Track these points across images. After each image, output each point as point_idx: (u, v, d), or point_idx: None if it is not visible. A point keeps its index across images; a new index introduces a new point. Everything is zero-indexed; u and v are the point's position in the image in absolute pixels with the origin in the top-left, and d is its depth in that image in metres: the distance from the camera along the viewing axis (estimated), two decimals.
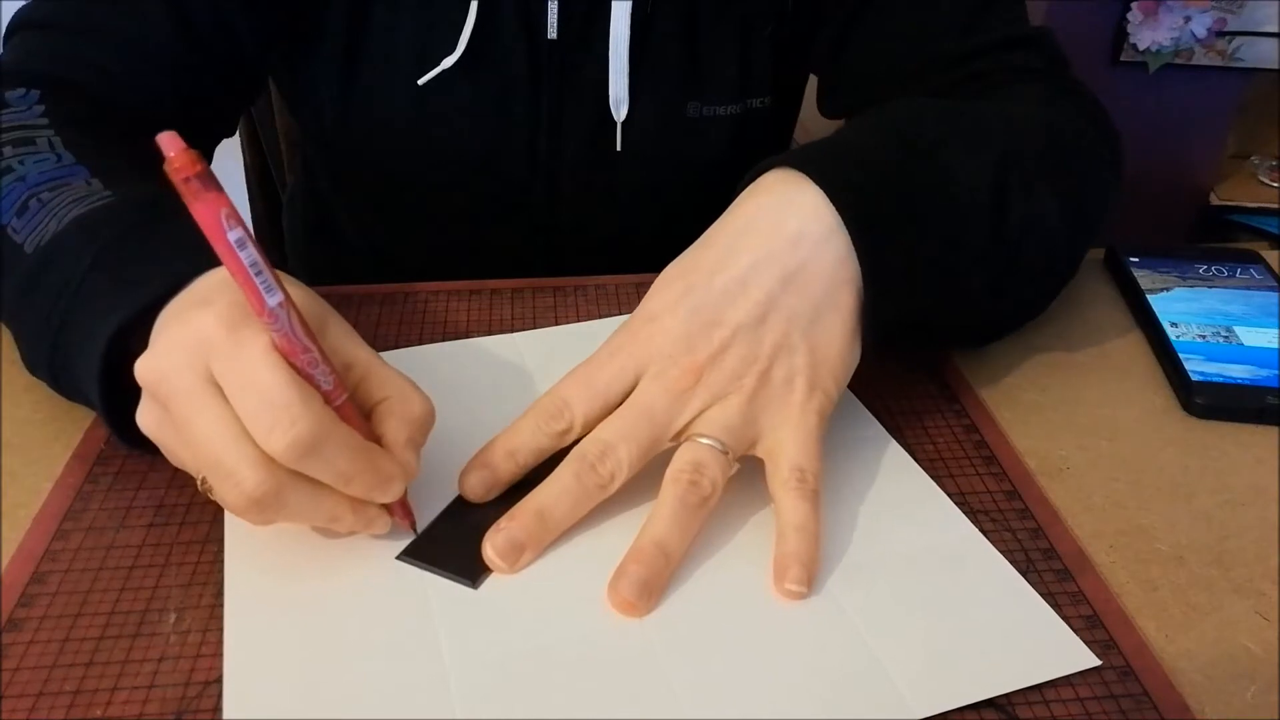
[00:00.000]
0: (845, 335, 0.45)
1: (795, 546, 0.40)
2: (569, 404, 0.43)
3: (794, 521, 0.41)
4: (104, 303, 0.42)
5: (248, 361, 0.36)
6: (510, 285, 0.61)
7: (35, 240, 0.45)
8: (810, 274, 0.44)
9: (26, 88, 0.54)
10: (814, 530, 0.41)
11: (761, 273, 0.44)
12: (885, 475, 0.47)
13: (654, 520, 0.41)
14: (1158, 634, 0.40)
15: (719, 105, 0.70)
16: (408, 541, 0.42)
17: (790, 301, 0.44)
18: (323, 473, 0.37)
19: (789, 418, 0.43)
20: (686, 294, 0.44)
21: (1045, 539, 0.44)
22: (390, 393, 0.40)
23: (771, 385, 0.43)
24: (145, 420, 0.39)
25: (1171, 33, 1.29)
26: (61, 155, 0.49)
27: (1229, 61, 1.36)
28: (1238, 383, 0.53)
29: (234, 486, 0.36)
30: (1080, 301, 0.61)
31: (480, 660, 0.37)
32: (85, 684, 0.36)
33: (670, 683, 0.36)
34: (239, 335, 0.36)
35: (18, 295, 0.46)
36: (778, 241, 0.44)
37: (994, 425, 0.51)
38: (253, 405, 0.36)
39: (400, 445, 0.40)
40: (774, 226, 0.45)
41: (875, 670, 0.37)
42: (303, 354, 0.37)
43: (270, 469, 0.36)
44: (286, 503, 0.37)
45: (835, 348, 0.44)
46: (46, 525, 0.43)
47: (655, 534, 0.40)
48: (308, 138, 0.81)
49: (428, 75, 0.64)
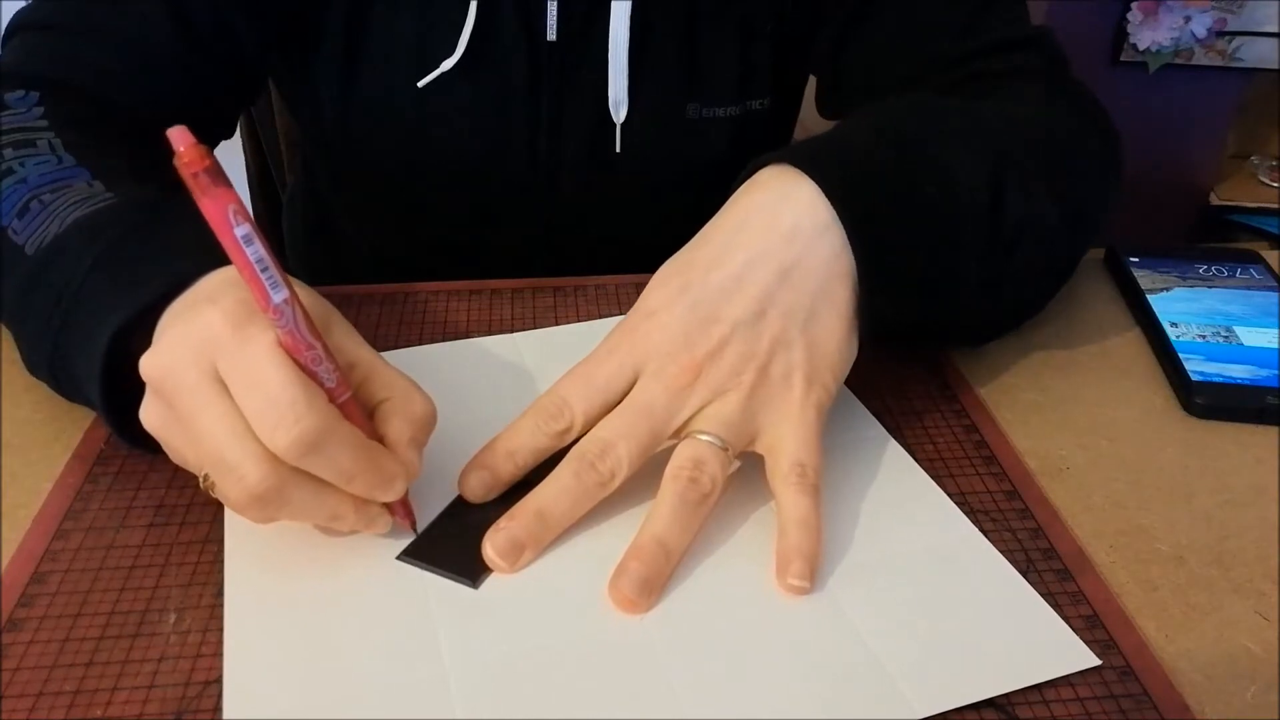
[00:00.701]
0: (842, 329, 0.45)
1: (797, 541, 0.41)
2: (568, 403, 0.43)
3: (795, 516, 0.41)
4: (105, 302, 0.42)
5: (253, 358, 0.36)
6: (510, 285, 0.61)
7: (36, 242, 0.45)
8: (806, 269, 0.44)
9: (26, 89, 0.54)
10: (815, 525, 0.41)
11: (758, 269, 0.44)
12: (885, 475, 0.47)
13: (654, 517, 0.41)
14: (1158, 634, 0.40)
15: (719, 107, 0.70)
16: (408, 541, 0.42)
17: (787, 297, 0.44)
18: (326, 470, 0.37)
19: (788, 413, 0.43)
20: (684, 291, 0.44)
21: (1045, 539, 0.44)
22: (393, 392, 0.40)
23: (770, 381, 0.43)
24: (149, 417, 0.39)
25: (1171, 33, 1.29)
26: (62, 157, 0.49)
27: (1229, 61, 1.36)
28: (1238, 383, 0.53)
29: (237, 482, 0.36)
30: (1080, 301, 0.61)
31: (480, 660, 0.37)
32: (85, 684, 0.36)
33: (670, 683, 0.36)
34: (244, 332, 0.36)
35: (18, 296, 0.46)
36: (773, 237, 0.45)
37: (994, 425, 0.51)
38: (257, 402, 0.36)
39: (403, 445, 0.40)
40: (769, 222, 0.45)
41: (875, 670, 0.37)
42: (307, 351, 0.37)
43: (273, 465, 0.36)
44: (289, 500, 0.37)
45: (832, 342, 0.45)
46: (46, 525, 0.43)
47: (655, 531, 0.40)
48: (307, 138, 0.81)
49: (428, 77, 0.64)
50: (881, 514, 0.44)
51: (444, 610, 0.39)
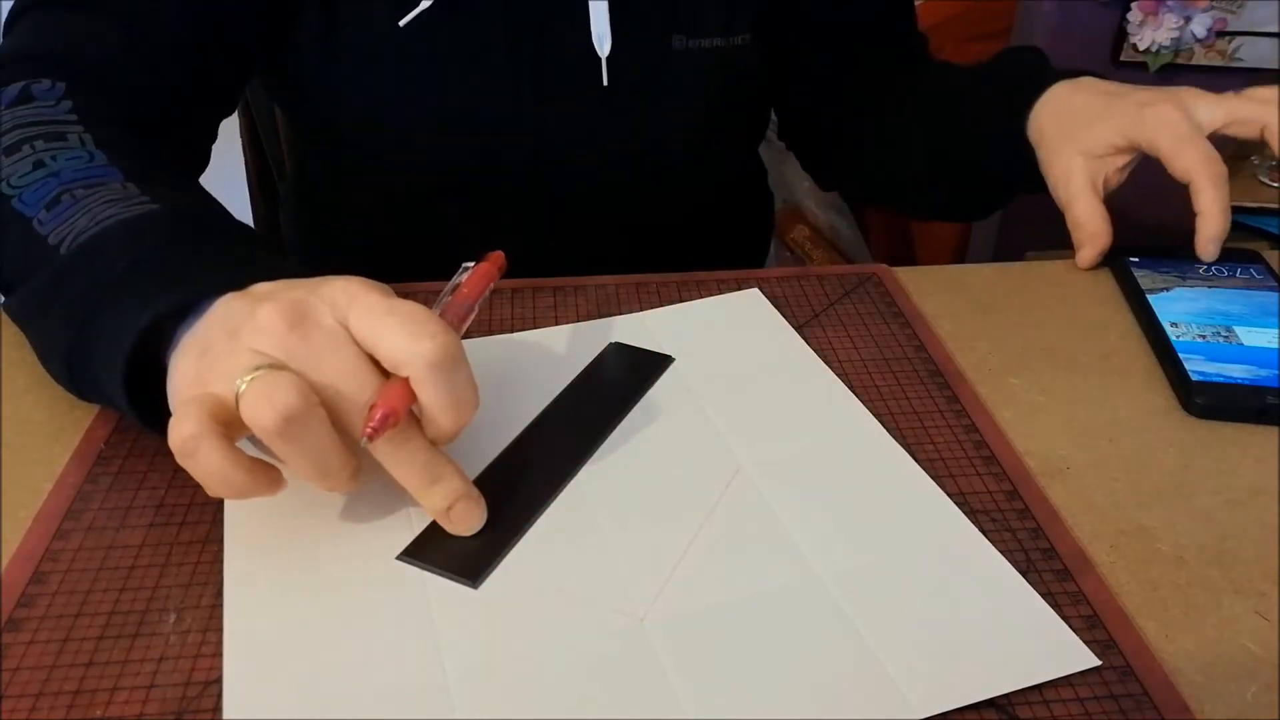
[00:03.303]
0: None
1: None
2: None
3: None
4: (143, 296, 0.42)
5: (381, 299, 0.40)
6: (510, 285, 0.61)
7: (63, 235, 0.45)
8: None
9: (52, 79, 0.54)
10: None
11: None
12: (885, 475, 0.47)
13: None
14: (1158, 634, 0.40)
15: (703, 38, 0.70)
16: (408, 542, 0.42)
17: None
18: (453, 388, 0.39)
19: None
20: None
21: (1045, 539, 0.44)
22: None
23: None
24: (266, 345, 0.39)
25: (1171, 33, 1.29)
26: (94, 154, 0.49)
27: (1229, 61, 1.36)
28: (1238, 383, 0.53)
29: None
30: (1080, 302, 0.61)
31: (480, 660, 0.37)
32: (85, 684, 0.36)
33: (670, 683, 0.36)
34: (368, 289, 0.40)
35: (45, 287, 0.45)
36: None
37: (994, 425, 0.51)
38: (401, 317, 0.39)
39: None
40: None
41: (875, 670, 0.37)
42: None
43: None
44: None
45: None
46: (46, 525, 0.43)
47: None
48: (298, 125, 0.80)
49: (408, 16, 0.64)
50: (881, 514, 0.44)
51: (444, 610, 0.39)
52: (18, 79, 0.54)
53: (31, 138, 0.50)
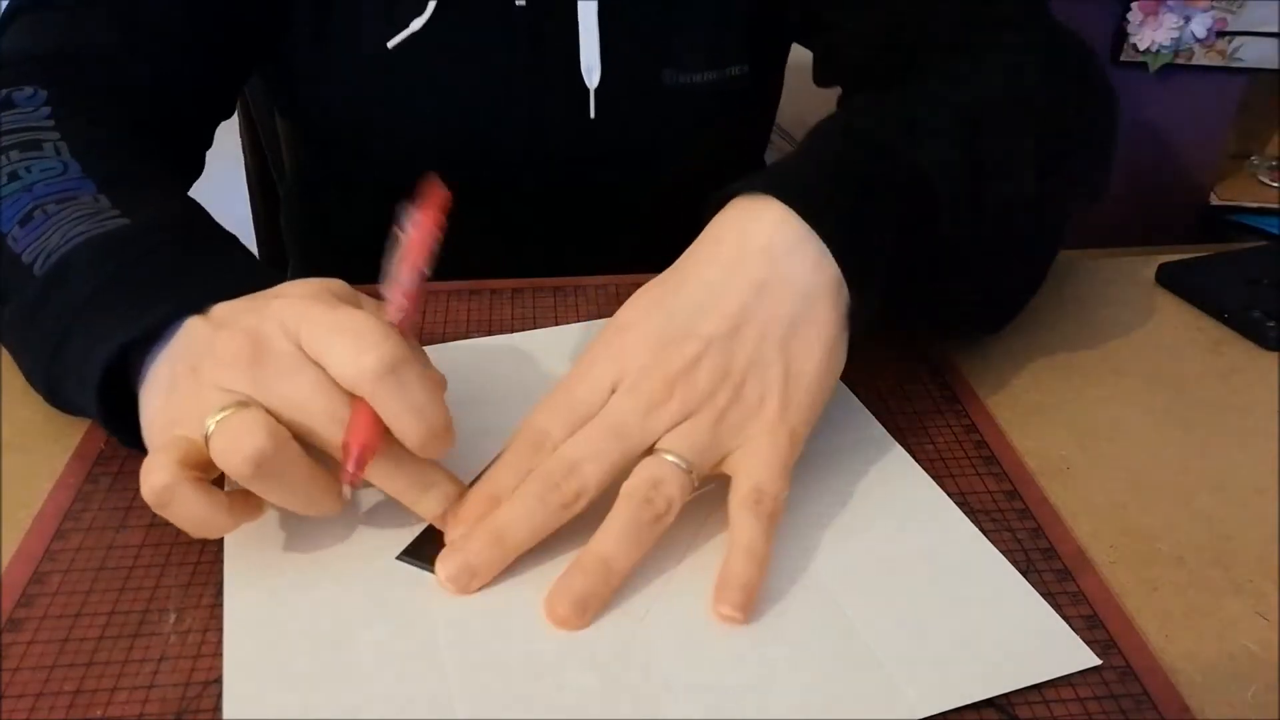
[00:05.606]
0: (823, 350, 0.44)
1: (739, 569, 0.39)
2: (549, 434, 0.42)
3: (742, 542, 0.40)
4: (114, 319, 0.42)
5: (334, 312, 0.40)
6: (510, 285, 0.61)
7: (36, 251, 0.45)
8: (783, 282, 0.43)
9: (35, 86, 0.53)
10: (762, 553, 0.40)
11: (732, 283, 0.43)
12: (886, 475, 0.47)
13: (603, 534, 0.40)
14: (1158, 634, 0.40)
15: (695, 73, 0.69)
16: (408, 541, 0.42)
17: (763, 313, 0.43)
18: (404, 394, 0.38)
19: (758, 437, 0.42)
20: (658, 304, 0.44)
21: (1045, 539, 0.44)
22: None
23: (744, 402, 0.42)
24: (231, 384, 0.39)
25: (1171, 33, 1.29)
26: (68, 164, 0.49)
27: (1229, 61, 1.36)
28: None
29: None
30: (1080, 302, 0.61)
31: (480, 660, 0.37)
32: (85, 684, 0.36)
33: (670, 683, 0.36)
34: (323, 302, 0.40)
35: (20, 311, 0.45)
36: (747, 253, 0.44)
37: (994, 425, 0.51)
38: (344, 328, 0.39)
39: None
40: (740, 241, 0.44)
41: (875, 670, 0.37)
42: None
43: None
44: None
45: (812, 362, 0.43)
46: (46, 525, 0.43)
47: (602, 549, 0.39)
48: (288, 120, 0.80)
49: (398, 37, 0.63)
50: (882, 514, 0.44)
51: (444, 610, 0.39)
52: (11, 83, 0.54)
53: (7, 148, 0.50)
